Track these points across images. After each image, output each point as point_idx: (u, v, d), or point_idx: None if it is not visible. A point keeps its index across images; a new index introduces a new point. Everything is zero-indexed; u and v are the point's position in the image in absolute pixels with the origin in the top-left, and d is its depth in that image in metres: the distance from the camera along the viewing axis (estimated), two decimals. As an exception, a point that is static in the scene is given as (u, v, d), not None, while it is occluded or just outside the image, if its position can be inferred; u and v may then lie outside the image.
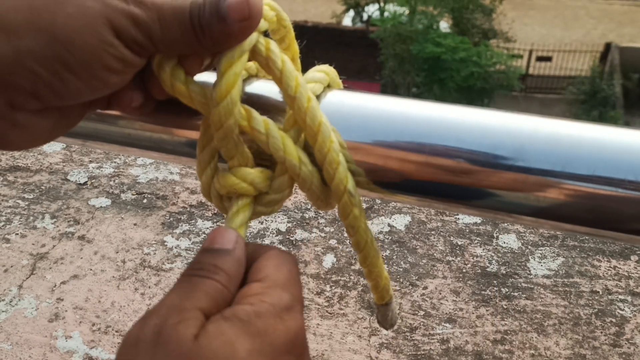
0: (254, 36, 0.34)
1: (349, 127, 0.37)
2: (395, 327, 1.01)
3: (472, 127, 0.36)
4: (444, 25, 10.31)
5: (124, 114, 0.40)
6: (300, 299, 0.32)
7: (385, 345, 0.98)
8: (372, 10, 11.37)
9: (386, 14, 10.65)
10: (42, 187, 1.33)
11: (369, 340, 0.99)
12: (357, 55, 10.38)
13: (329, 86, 0.38)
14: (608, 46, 10.66)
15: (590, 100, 9.47)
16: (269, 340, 0.28)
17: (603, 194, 0.33)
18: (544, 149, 0.34)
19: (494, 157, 0.34)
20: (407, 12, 10.18)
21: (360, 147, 0.36)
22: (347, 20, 11.72)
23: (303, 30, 10.49)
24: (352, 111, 0.37)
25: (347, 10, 11.49)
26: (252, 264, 0.32)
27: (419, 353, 0.97)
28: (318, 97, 0.37)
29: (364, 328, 1.01)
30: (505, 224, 1.20)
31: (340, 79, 0.40)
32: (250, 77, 0.39)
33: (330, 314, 1.04)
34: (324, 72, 0.38)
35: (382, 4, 10.86)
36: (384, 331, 1.00)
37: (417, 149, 0.36)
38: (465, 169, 0.35)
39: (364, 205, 1.26)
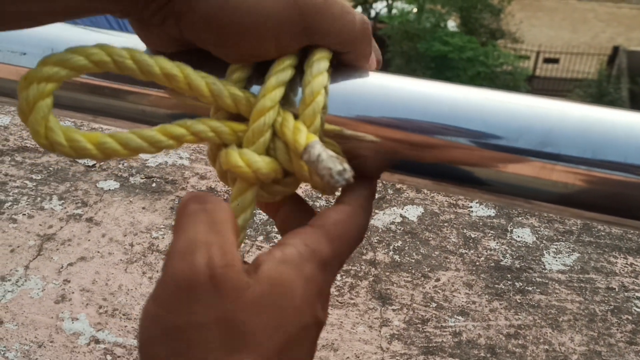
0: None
1: (352, 104, 0.35)
2: (407, 317, 0.99)
3: (499, 110, 0.35)
4: (452, 24, 10.28)
5: (135, 89, 0.37)
6: (340, 261, 0.31)
7: (396, 336, 0.97)
8: (379, 7, 11.34)
9: (394, 11, 10.62)
10: (50, 169, 1.31)
11: (379, 331, 0.98)
12: (364, 52, 10.34)
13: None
14: (616, 49, 10.62)
15: (596, 103, 9.43)
16: (314, 288, 0.29)
17: (633, 182, 0.32)
18: (573, 134, 0.33)
19: (520, 143, 0.33)
20: (415, 10, 10.15)
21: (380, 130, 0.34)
22: (354, 17, 11.67)
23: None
24: (370, 90, 0.36)
25: (354, 7, 11.45)
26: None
27: (430, 345, 0.95)
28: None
29: (375, 318, 1.00)
30: (520, 218, 1.18)
31: None
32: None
33: (340, 303, 1.02)
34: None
35: (390, 2, 10.82)
36: (395, 322, 0.99)
37: (438, 131, 0.34)
38: (488, 153, 0.33)
39: (377, 196, 1.24)
